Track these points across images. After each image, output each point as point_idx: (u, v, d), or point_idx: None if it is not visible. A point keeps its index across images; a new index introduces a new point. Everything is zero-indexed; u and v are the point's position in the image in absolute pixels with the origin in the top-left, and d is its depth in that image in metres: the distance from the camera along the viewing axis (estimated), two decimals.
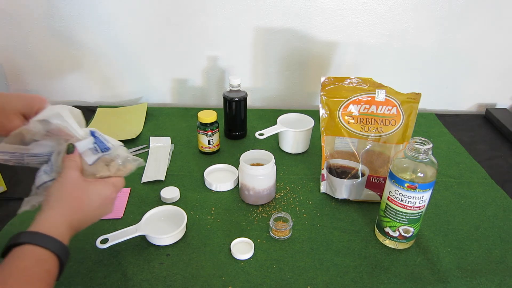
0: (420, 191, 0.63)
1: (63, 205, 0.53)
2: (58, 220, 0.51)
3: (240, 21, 1.11)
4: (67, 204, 0.53)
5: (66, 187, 0.54)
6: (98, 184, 0.57)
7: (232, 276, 0.64)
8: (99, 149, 0.57)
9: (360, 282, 0.64)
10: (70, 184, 0.54)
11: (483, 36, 1.13)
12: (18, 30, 1.13)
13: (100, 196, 0.56)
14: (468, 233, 0.75)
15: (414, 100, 0.78)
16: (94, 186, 0.56)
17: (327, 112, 0.81)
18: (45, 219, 0.51)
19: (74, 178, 0.55)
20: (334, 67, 1.19)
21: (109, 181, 0.58)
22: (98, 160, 0.57)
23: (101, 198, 0.56)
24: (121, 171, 0.59)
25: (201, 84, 1.23)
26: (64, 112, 0.56)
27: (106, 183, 0.57)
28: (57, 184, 0.54)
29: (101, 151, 0.57)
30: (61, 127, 0.55)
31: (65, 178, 0.54)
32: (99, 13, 1.10)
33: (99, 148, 0.57)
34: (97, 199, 0.56)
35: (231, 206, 0.81)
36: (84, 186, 0.55)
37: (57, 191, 0.54)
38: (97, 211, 0.57)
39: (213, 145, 0.96)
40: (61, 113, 0.55)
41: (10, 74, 1.21)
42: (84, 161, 0.56)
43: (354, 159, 0.80)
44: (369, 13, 1.10)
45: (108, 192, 0.57)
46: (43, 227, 0.49)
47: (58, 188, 0.54)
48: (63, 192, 0.54)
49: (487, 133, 1.13)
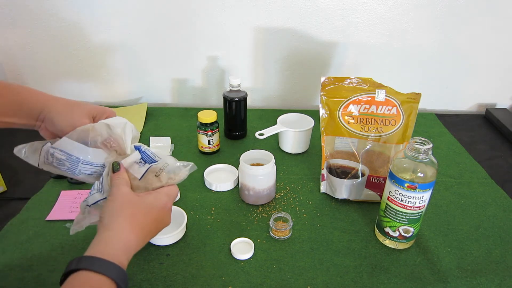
0: (420, 191, 0.63)
1: (118, 225, 0.50)
2: (114, 242, 0.48)
3: (240, 21, 1.11)
4: (122, 223, 0.50)
5: (117, 205, 0.51)
6: (150, 197, 0.54)
7: (232, 276, 0.64)
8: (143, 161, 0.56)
9: (360, 282, 0.64)
10: (122, 202, 0.52)
11: (483, 36, 1.13)
12: (18, 30, 1.13)
13: (154, 208, 0.54)
14: (468, 233, 0.75)
15: (414, 100, 0.78)
16: (147, 199, 0.54)
17: (327, 112, 0.81)
18: (100, 242, 0.48)
19: (124, 194, 0.52)
20: (334, 67, 1.19)
21: (162, 191, 0.55)
22: (147, 173, 0.55)
23: (157, 211, 0.54)
24: (173, 179, 0.57)
25: (201, 84, 1.23)
26: (130, 125, 0.57)
27: (159, 194, 0.55)
28: (109, 203, 0.52)
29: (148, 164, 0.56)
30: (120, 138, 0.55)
31: (116, 196, 0.52)
32: (99, 13, 1.10)
33: (146, 162, 0.56)
34: (153, 212, 0.53)
35: (231, 206, 0.81)
36: (137, 201, 0.53)
37: (109, 210, 0.51)
38: (154, 224, 0.54)
39: (213, 145, 0.96)
40: (127, 125, 0.57)
41: (10, 74, 1.21)
42: (134, 176, 0.55)
43: (354, 159, 0.80)
44: (369, 13, 1.10)
45: (162, 203, 0.54)
46: (99, 251, 0.46)
47: (110, 207, 0.51)
48: (115, 210, 0.51)
49: (487, 133, 1.13)
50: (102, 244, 0.48)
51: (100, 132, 0.55)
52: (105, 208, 0.52)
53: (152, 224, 0.54)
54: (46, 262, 0.66)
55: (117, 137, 0.55)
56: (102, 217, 0.51)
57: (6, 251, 0.68)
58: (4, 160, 0.93)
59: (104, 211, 0.51)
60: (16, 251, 0.68)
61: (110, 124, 0.55)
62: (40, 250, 0.69)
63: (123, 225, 0.50)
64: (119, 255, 0.47)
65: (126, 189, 0.53)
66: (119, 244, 0.48)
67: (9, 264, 0.66)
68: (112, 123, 0.55)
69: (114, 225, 0.50)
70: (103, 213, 0.51)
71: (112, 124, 0.55)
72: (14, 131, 0.59)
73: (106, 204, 0.52)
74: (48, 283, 0.63)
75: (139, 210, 0.52)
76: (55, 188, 0.84)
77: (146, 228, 0.53)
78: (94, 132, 0.54)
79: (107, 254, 0.46)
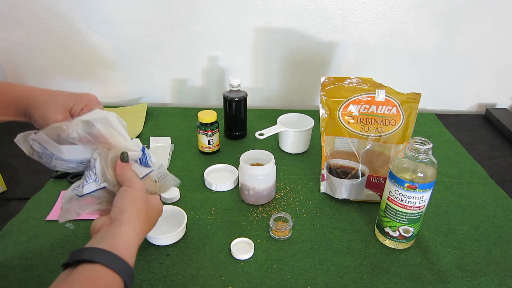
0: (420, 191, 0.63)
1: (139, 222, 0.49)
2: (133, 239, 0.47)
3: (240, 21, 1.11)
4: (142, 221, 0.49)
5: (139, 201, 0.50)
6: (155, 200, 0.55)
7: (232, 276, 0.64)
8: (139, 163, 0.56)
9: (360, 282, 0.64)
10: (141, 198, 0.51)
11: (483, 36, 1.13)
12: (18, 30, 1.13)
13: (157, 213, 0.55)
14: (468, 233, 0.75)
15: (414, 100, 0.78)
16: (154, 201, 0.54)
17: (327, 112, 0.81)
18: (121, 237, 0.46)
19: (143, 191, 0.52)
20: (334, 67, 1.19)
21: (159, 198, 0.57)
22: (147, 176, 0.56)
23: (157, 215, 0.55)
24: (163, 189, 0.58)
25: (201, 84, 1.23)
26: (112, 118, 0.54)
27: (159, 200, 0.56)
28: (130, 197, 0.50)
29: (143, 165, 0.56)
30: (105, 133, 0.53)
31: (137, 191, 0.50)
32: (99, 13, 1.10)
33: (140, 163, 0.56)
34: (155, 216, 0.54)
35: (231, 206, 0.81)
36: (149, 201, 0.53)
37: (132, 204, 0.49)
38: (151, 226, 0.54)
39: (213, 145, 0.96)
40: (108, 118, 0.54)
41: (10, 74, 1.21)
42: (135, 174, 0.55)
43: (354, 159, 0.80)
44: (369, 13, 1.10)
45: (161, 209, 0.56)
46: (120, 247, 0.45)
47: (132, 201, 0.50)
48: (137, 206, 0.50)
49: (487, 133, 1.13)
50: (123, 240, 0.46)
51: (73, 130, 0.52)
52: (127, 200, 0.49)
53: (150, 225, 0.54)
54: (46, 262, 0.66)
55: (101, 133, 0.54)
56: (123, 209, 0.48)
57: (6, 251, 0.68)
58: (4, 160, 0.93)
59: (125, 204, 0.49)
60: (16, 251, 0.68)
61: (87, 120, 0.53)
62: (40, 250, 0.69)
63: (142, 223, 0.49)
64: (133, 253, 0.46)
65: (142, 186, 0.52)
66: (136, 243, 0.47)
67: (9, 264, 0.66)
68: (90, 119, 0.53)
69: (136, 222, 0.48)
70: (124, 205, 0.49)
71: (90, 120, 0.53)
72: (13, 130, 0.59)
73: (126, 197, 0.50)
74: (48, 283, 0.62)
75: (150, 211, 0.52)
76: (55, 188, 0.84)
77: (148, 228, 0.53)
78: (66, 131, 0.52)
79: (124, 253, 0.44)
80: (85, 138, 0.53)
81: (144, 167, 0.56)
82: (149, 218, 0.52)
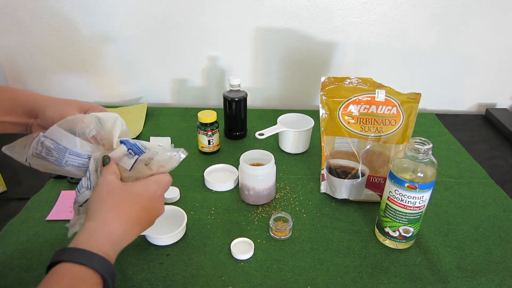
0: (420, 191, 0.63)
1: (102, 215, 0.48)
2: (98, 232, 0.47)
3: (240, 21, 1.11)
4: (107, 213, 0.49)
5: (102, 194, 0.50)
6: (137, 185, 0.52)
7: (232, 276, 0.64)
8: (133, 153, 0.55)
9: (360, 282, 0.64)
10: (107, 190, 0.50)
11: (483, 36, 1.13)
12: (18, 30, 1.13)
13: (142, 196, 0.52)
14: (468, 233, 0.75)
15: (414, 100, 0.78)
16: (133, 187, 0.52)
17: (327, 112, 0.81)
18: (83, 232, 0.47)
19: (110, 183, 0.51)
20: (334, 67, 1.19)
21: (151, 179, 0.54)
22: (136, 163, 0.54)
23: (145, 199, 0.52)
24: (163, 167, 0.55)
25: (201, 84, 1.23)
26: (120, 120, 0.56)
27: (147, 181, 0.53)
28: (94, 193, 0.51)
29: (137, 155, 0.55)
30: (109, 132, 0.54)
31: (101, 185, 0.51)
32: (99, 13, 1.10)
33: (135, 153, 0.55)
34: (140, 200, 0.51)
35: (231, 206, 0.81)
36: (122, 189, 0.51)
37: (94, 200, 0.50)
38: (143, 213, 0.52)
39: (213, 145, 0.96)
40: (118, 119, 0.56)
41: (10, 74, 1.21)
42: (124, 168, 0.54)
43: (354, 159, 0.80)
44: (369, 13, 1.10)
45: (151, 190, 0.52)
46: (81, 242, 0.45)
47: (94, 197, 0.50)
48: (100, 200, 0.50)
49: (487, 133, 1.13)
50: (84, 234, 0.47)
51: (88, 124, 0.53)
52: (91, 198, 0.51)
53: (141, 213, 0.51)
54: (46, 262, 0.65)
55: (107, 132, 0.55)
56: (88, 208, 0.50)
57: (6, 251, 0.68)
58: (4, 160, 0.92)
59: (89, 201, 0.51)
60: (16, 251, 0.68)
61: (101, 118, 0.54)
62: (40, 250, 0.69)
63: (107, 215, 0.49)
64: (103, 244, 0.46)
65: (111, 177, 0.51)
66: (102, 234, 0.47)
67: (9, 264, 0.66)
68: (103, 117, 0.55)
69: (98, 215, 0.48)
70: (89, 203, 0.51)
71: (103, 118, 0.55)
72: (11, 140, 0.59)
73: (91, 195, 0.51)
74: None
75: (126, 198, 0.51)
76: (55, 188, 0.84)
77: (134, 217, 0.51)
78: (83, 123, 0.53)
79: (89, 245, 0.45)
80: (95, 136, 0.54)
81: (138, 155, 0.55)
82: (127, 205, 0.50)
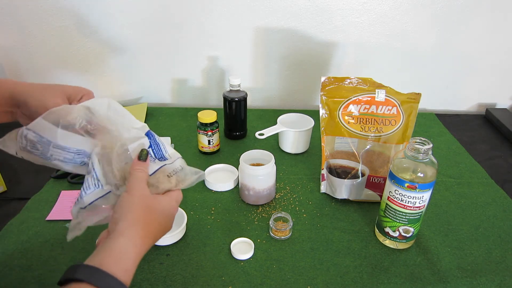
0: (420, 191, 0.63)
1: (137, 232, 0.45)
2: (128, 250, 0.43)
3: (240, 21, 1.11)
4: (141, 231, 0.45)
5: (139, 208, 0.46)
6: (163, 202, 0.50)
7: (232, 276, 0.64)
8: (153, 155, 0.51)
9: (360, 282, 0.64)
10: (143, 205, 0.47)
11: (483, 36, 1.13)
12: (18, 30, 1.13)
13: (166, 215, 0.50)
14: (468, 233, 0.75)
15: (414, 100, 0.78)
16: (161, 204, 0.49)
17: (327, 112, 0.81)
18: (112, 249, 0.43)
19: (146, 196, 0.48)
20: (334, 67, 1.19)
21: (173, 197, 0.52)
22: (158, 171, 0.51)
23: (166, 216, 0.50)
24: (182, 184, 0.53)
25: (201, 84, 1.23)
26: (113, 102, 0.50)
27: (171, 200, 0.51)
28: (126, 204, 0.46)
29: (157, 159, 0.51)
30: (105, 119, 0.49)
31: (138, 197, 0.47)
32: (99, 13, 1.10)
33: (154, 155, 0.51)
34: (163, 218, 0.49)
35: (231, 206, 0.81)
36: (154, 205, 0.48)
37: (128, 212, 0.46)
38: (159, 230, 0.49)
39: (213, 145, 0.96)
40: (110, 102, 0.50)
41: (10, 74, 1.21)
42: None
43: (354, 159, 0.80)
44: (369, 13, 1.10)
45: (172, 209, 0.51)
46: (111, 261, 0.41)
47: (128, 209, 0.46)
48: (136, 214, 0.46)
49: (487, 133, 1.13)
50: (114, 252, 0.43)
51: (76, 115, 0.49)
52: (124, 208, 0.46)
53: (159, 230, 0.50)
54: (46, 262, 0.66)
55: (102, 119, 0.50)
56: (117, 218, 0.46)
57: (6, 251, 0.68)
58: (4, 160, 0.93)
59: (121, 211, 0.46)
60: (16, 251, 0.68)
61: (90, 106, 0.50)
62: (40, 250, 0.69)
63: (141, 233, 0.45)
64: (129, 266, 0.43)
65: (147, 190, 0.48)
66: (132, 255, 0.44)
67: (9, 264, 0.66)
68: (92, 105, 0.50)
69: (132, 232, 0.45)
70: (119, 213, 0.46)
71: (92, 106, 0.50)
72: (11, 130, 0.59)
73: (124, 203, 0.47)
74: (48, 283, 0.63)
75: (154, 215, 0.48)
76: (55, 188, 0.84)
77: (153, 235, 0.48)
78: (69, 115, 0.49)
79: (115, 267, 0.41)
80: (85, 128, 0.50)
81: (158, 160, 0.52)
82: (154, 223, 0.48)
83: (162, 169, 0.52)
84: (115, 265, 0.42)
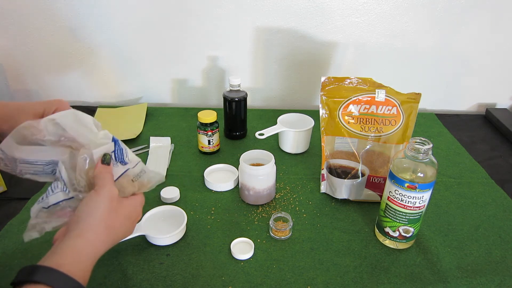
0: (420, 191, 0.63)
1: (98, 234, 0.45)
2: (88, 251, 0.43)
3: (240, 21, 1.11)
4: (102, 233, 0.45)
5: (105, 209, 0.46)
6: (128, 206, 0.50)
7: (232, 276, 0.64)
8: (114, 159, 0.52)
9: (360, 282, 0.64)
10: (110, 207, 0.47)
11: (483, 36, 1.13)
12: (18, 30, 1.13)
13: (129, 219, 0.50)
14: (468, 233, 0.75)
15: (414, 100, 0.78)
16: (127, 208, 0.50)
17: (327, 112, 0.81)
18: (68, 250, 0.42)
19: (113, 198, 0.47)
20: (334, 67, 1.19)
21: (138, 201, 0.52)
22: (122, 176, 0.52)
23: (131, 221, 0.50)
24: (144, 187, 0.55)
25: (201, 84, 1.23)
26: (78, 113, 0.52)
27: (136, 203, 0.52)
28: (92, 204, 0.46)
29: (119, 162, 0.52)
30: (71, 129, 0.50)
31: (106, 197, 0.47)
32: (99, 13, 1.10)
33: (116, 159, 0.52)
34: (127, 223, 0.50)
35: (231, 206, 0.81)
36: (118, 209, 0.48)
37: (92, 213, 0.45)
38: (122, 236, 0.50)
39: (213, 145, 0.96)
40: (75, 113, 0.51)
41: (10, 74, 1.21)
42: None
43: (354, 159, 0.80)
44: (369, 13, 1.10)
45: (137, 214, 0.52)
46: (66, 261, 0.41)
47: (93, 209, 0.46)
48: (97, 216, 0.45)
49: (487, 133, 1.13)
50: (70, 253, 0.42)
51: (42, 128, 0.50)
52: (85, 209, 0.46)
53: (120, 234, 0.50)
54: None
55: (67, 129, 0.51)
56: (77, 219, 0.45)
57: (6, 251, 0.68)
58: None
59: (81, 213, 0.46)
60: (16, 251, 0.68)
61: (56, 119, 0.50)
62: (40, 250, 0.69)
63: (101, 236, 0.45)
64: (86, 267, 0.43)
65: (115, 192, 0.48)
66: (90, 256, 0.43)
67: (9, 264, 0.66)
68: (58, 118, 0.51)
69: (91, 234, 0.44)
70: (80, 214, 0.46)
71: (58, 118, 0.50)
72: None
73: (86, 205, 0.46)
74: None
75: (119, 219, 0.48)
76: None
77: (114, 238, 0.48)
78: (33, 129, 0.49)
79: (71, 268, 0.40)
80: (54, 139, 0.51)
81: (120, 164, 0.52)
82: (117, 226, 0.48)
83: (126, 174, 0.53)
84: (73, 266, 0.41)
